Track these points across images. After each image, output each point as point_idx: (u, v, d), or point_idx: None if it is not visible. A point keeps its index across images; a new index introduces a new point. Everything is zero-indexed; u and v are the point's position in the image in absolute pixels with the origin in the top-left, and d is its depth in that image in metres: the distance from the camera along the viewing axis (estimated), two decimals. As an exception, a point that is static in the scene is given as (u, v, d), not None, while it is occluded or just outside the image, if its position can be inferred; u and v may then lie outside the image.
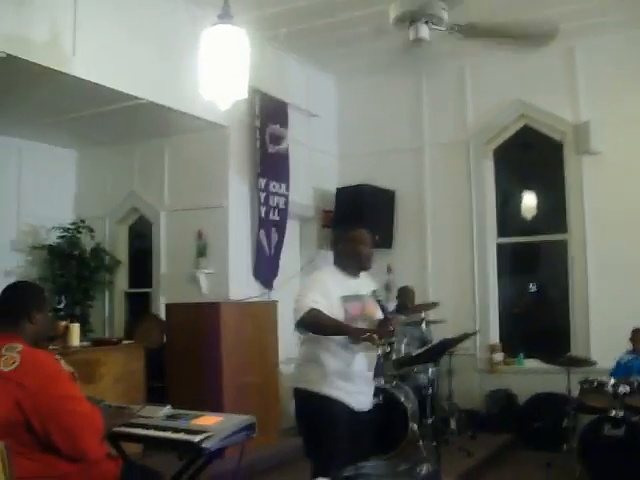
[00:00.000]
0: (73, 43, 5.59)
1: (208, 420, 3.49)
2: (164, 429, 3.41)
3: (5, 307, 3.17)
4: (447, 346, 5.92)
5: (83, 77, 5.69)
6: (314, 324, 3.99)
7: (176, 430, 3.37)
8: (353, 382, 4.19)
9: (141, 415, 3.63)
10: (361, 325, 4.13)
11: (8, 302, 3.19)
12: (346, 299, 4.12)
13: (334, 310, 4.04)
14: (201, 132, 7.31)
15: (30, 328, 3.11)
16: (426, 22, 4.21)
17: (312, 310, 3.93)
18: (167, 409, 3.71)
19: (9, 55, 5.16)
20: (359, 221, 8.10)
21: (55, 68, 5.49)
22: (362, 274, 4.38)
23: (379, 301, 4.29)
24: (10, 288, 3.26)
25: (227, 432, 3.34)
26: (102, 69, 5.82)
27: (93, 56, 5.75)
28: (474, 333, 7.14)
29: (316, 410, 4.14)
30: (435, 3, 4.21)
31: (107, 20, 5.91)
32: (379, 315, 4.26)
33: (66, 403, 2.90)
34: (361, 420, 4.27)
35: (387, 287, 8.40)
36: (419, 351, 6.15)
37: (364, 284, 4.36)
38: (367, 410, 4.33)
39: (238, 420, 3.50)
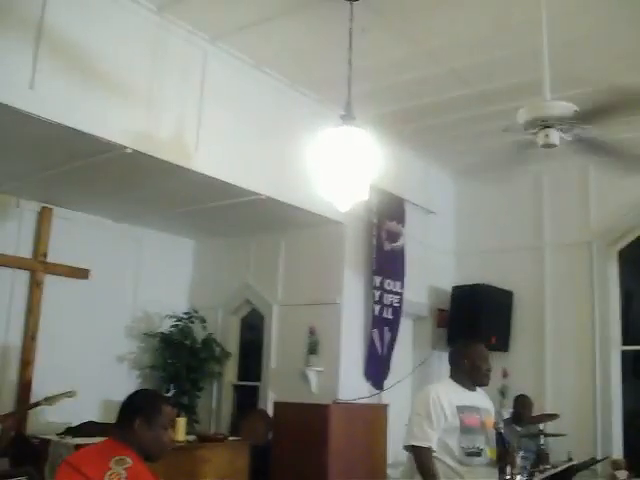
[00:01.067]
0: (196, 140, 5.72)
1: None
2: None
3: (120, 413, 3.12)
4: (574, 472, 5.54)
5: (204, 173, 5.79)
6: (418, 466, 4.06)
7: None
8: None
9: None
10: (478, 439, 4.11)
11: (122, 408, 3.13)
12: (462, 409, 4.15)
13: (448, 420, 4.07)
14: (317, 227, 7.30)
15: (134, 437, 3.00)
16: (558, 129, 4.07)
17: (425, 452, 4.03)
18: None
19: (135, 151, 5.31)
20: (475, 322, 7.89)
21: (178, 164, 5.61)
22: (479, 390, 4.39)
23: (500, 433, 4.14)
24: (131, 393, 3.21)
25: None
26: (222, 165, 5.93)
27: (214, 152, 5.87)
28: (604, 459, 6.68)
29: None
30: (568, 112, 4.06)
31: (229, 117, 6.05)
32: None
33: None
34: None
35: (502, 392, 8.05)
36: (542, 476, 5.74)
37: (481, 399, 4.37)
38: None
39: None
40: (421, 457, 4.05)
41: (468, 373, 4.30)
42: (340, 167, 4.40)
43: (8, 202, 6.98)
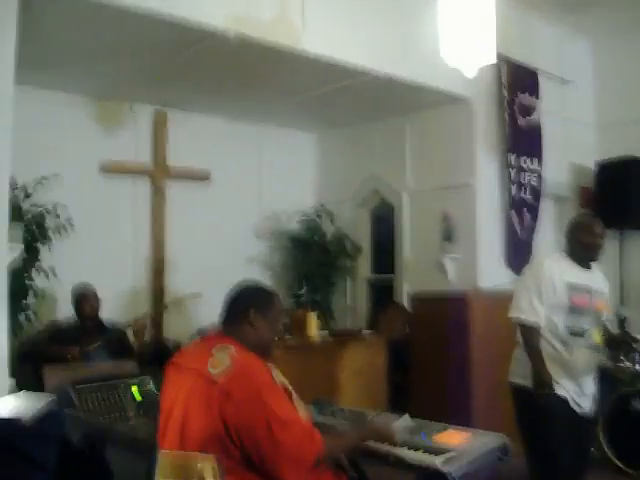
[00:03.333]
0: (302, 18, 5.29)
1: (452, 437, 2.98)
2: (401, 444, 2.93)
3: (228, 308, 2.89)
4: None
5: (314, 52, 5.36)
6: (525, 342, 3.99)
7: (414, 447, 2.88)
8: (575, 382, 3.99)
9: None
10: (585, 320, 4.02)
11: (231, 302, 2.89)
12: (572, 287, 4.01)
13: (557, 296, 3.95)
14: (443, 107, 6.76)
15: (250, 332, 2.78)
16: None
17: (532, 329, 3.94)
18: (405, 419, 3.22)
19: (238, 34, 4.96)
20: (624, 200, 7.20)
21: (285, 45, 5.21)
22: (595, 269, 4.21)
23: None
24: (236, 287, 2.94)
25: (474, 454, 2.80)
26: (333, 43, 5.47)
27: (323, 30, 5.41)
28: None
29: (541, 409, 3.85)
30: None
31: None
32: (605, 315, 4.17)
33: (271, 426, 2.49)
34: (585, 427, 4.07)
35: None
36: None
37: (596, 279, 4.20)
38: (589, 417, 4.11)
39: (487, 440, 2.95)
40: (528, 334, 3.96)
41: (580, 248, 4.11)
42: (461, 27, 3.92)
43: (122, 108, 6.87)
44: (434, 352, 6.02)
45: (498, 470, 2.95)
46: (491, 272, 6.67)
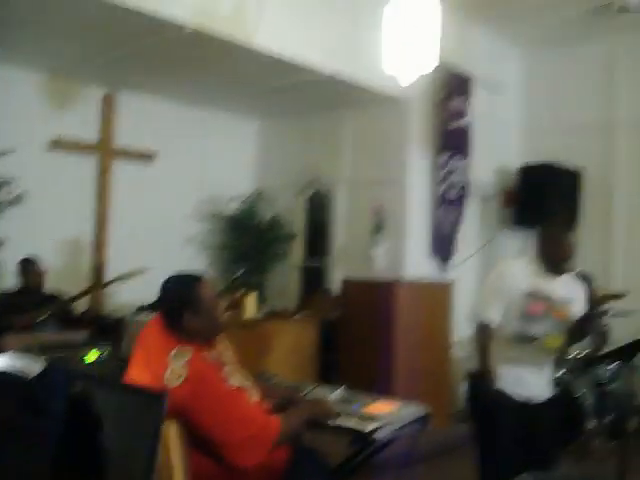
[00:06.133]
0: (258, 15, 5.58)
1: (381, 408, 3.38)
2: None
3: (164, 307, 3.04)
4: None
5: (265, 51, 5.68)
6: (475, 340, 4.05)
7: (348, 415, 3.27)
8: (527, 373, 4.02)
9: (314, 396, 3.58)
10: (537, 327, 3.94)
11: (164, 303, 3.05)
12: (529, 296, 3.93)
13: (512, 301, 3.94)
14: (380, 105, 7.15)
15: (192, 330, 2.95)
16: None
17: (482, 327, 4.01)
18: (340, 391, 3.62)
19: (195, 27, 5.22)
20: (541, 202, 7.69)
21: (238, 43, 5.51)
22: (567, 277, 4.09)
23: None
24: (165, 284, 3.06)
25: (399, 423, 3.23)
26: (284, 43, 5.79)
27: (275, 30, 5.72)
28: None
29: (486, 400, 3.96)
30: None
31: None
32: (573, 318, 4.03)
33: (232, 428, 2.82)
34: (536, 415, 4.04)
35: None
36: (607, 351, 5.70)
37: (562, 287, 4.03)
38: (543, 402, 4.11)
39: (411, 411, 3.38)
40: (478, 331, 4.02)
41: (547, 253, 4.03)
42: (403, 37, 4.23)
43: (72, 87, 7.03)
44: (362, 335, 6.44)
45: (417, 436, 3.38)
46: (417, 264, 7.12)
